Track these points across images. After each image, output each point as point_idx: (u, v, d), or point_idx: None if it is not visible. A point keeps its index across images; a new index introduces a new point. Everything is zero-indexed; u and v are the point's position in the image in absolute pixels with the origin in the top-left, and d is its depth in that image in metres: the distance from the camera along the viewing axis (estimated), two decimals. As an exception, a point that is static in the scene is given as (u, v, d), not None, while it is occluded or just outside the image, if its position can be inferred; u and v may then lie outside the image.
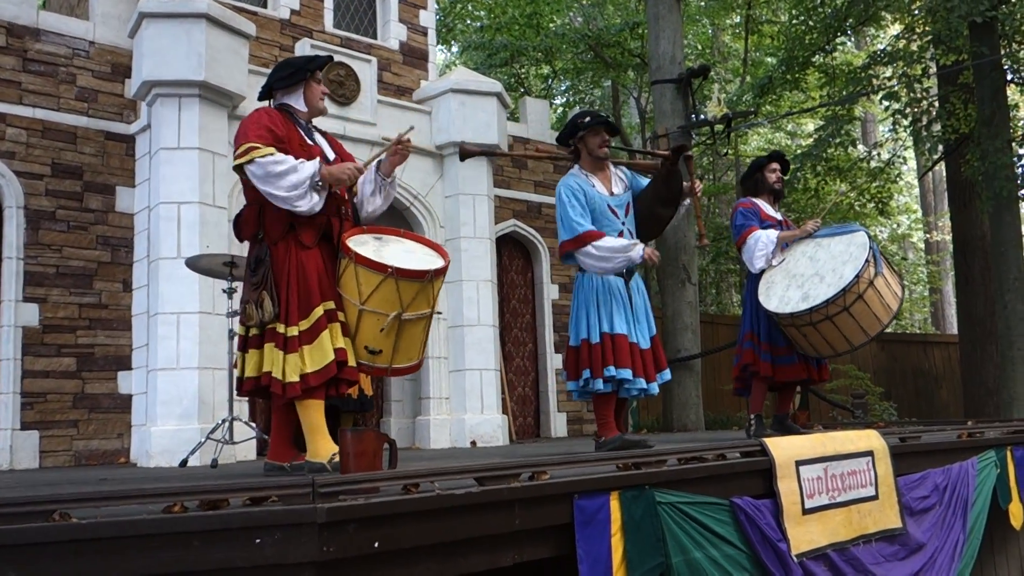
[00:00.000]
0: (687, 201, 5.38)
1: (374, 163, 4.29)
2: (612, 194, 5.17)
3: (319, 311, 3.92)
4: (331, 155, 4.31)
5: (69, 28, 7.65)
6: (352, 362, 3.97)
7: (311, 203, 3.94)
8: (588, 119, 5.18)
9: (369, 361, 4.03)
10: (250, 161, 3.89)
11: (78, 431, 7.21)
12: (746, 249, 6.04)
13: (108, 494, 2.49)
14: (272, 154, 3.90)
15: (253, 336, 4.01)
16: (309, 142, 4.20)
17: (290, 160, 3.92)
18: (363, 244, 4.07)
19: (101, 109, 7.71)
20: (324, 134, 4.45)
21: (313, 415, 3.98)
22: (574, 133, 5.20)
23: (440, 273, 4.08)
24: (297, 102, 4.28)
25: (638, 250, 4.97)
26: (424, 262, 4.09)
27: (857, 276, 5.41)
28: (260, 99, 4.43)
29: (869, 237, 5.65)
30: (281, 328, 3.91)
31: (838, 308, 5.47)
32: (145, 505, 2.55)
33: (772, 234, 5.99)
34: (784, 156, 6.49)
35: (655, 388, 5.07)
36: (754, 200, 6.24)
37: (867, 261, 5.46)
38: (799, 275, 5.80)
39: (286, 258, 4.00)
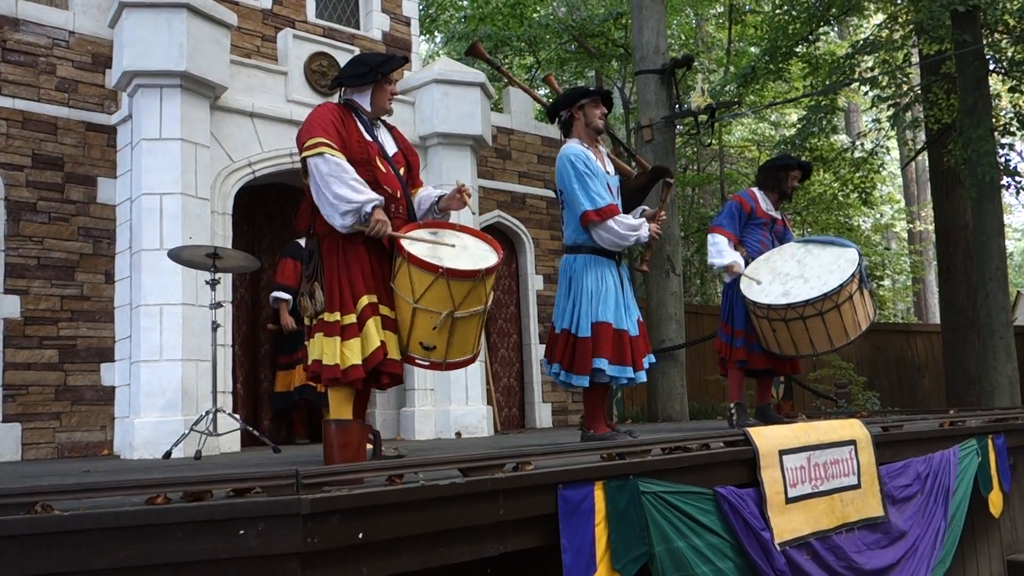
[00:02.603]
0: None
1: (435, 194, 4.50)
2: (608, 173, 5.10)
3: (364, 301, 4.00)
4: (392, 149, 4.43)
5: (48, 18, 7.57)
6: (394, 355, 4.05)
7: (344, 223, 4.00)
8: (592, 89, 5.17)
9: (424, 356, 4.13)
10: (319, 155, 3.99)
11: (60, 423, 7.17)
12: (711, 251, 6.33)
13: (90, 486, 2.47)
14: (343, 159, 4.01)
15: (310, 327, 4.11)
16: (367, 138, 4.28)
17: (357, 177, 4.02)
18: (418, 241, 4.13)
19: (82, 99, 7.64)
20: (390, 128, 4.56)
21: (343, 403, 4.05)
22: (574, 101, 5.12)
23: (491, 271, 4.11)
24: (364, 100, 4.37)
25: (645, 228, 4.95)
26: (477, 259, 4.14)
27: (841, 286, 5.55)
28: (331, 89, 4.53)
29: (860, 255, 5.78)
30: (333, 317, 3.98)
31: (814, 311, 5.59)
32: (128, 497, 2.54)
33: (726, 254, 6.20)
34: (809, 168, 6.66)
35: (643, 376, 4.99)
36: (756, 193, 6.45)
37: (853, 275, 5.62)
38: (784, 273, 5.93)
39: (333, 252, 4.09)
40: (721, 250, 6.17)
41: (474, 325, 4.17)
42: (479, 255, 4.20)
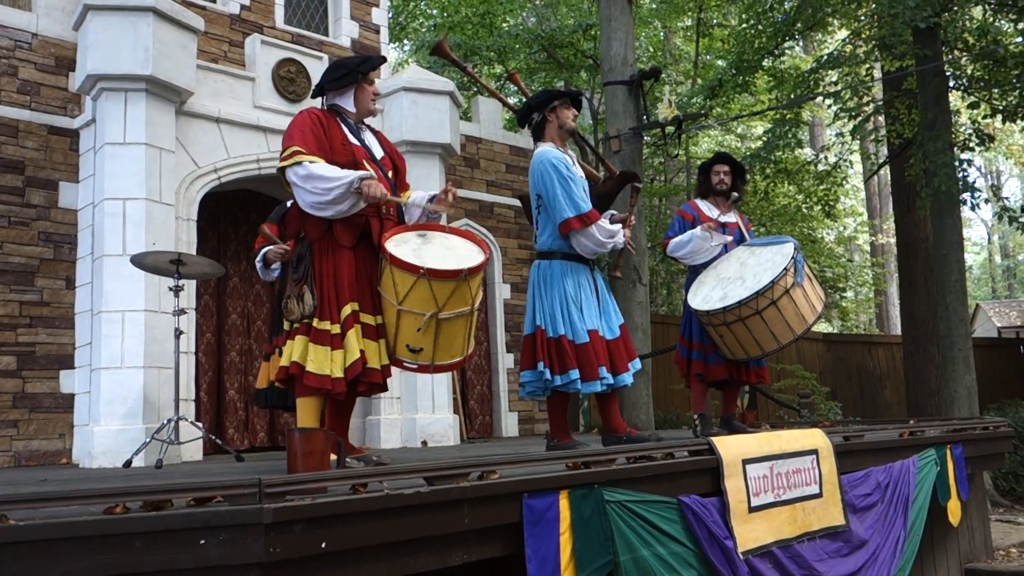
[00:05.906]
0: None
1: (427, 195, 4.50)
2: (580, 176, 4.94)
3: (347, 310, 4.03)
4: (379, 153, 4.45)
5: (11, 19, 7.47)
6: (373, 363, 4.06)
7: (337, 210, 4.05)
8: (563, 91, 5.05)
9: (411, 359, 4.12)
10: (297, 163, 4.01)
11: (18, 431, 7.05)
12: (677, 252, 6.26)
13: (47, 495, 2.43)
14: (316, 161, 4.02)
15: (291, 330, 4.12)
16: (352, 141, 4.29)
17: (331, 167, 4.04)
18: (403, 243, 4.13)
19: (44, 102, 7.54)
20: (376, 133, 4.57)
21: (312, 413, 4.04)
22: (548, 103, 4.97)
23: (475, 271, 4.09)
24: (347, 103, 4.42)
25: (621, 235, 4.87)
26: (463, 259, 4.13)
27: (772, 282, 5.56)
28: (313, 97, 4.67)
29: (796, 249, 5.78)
30: (317, 323, 4.00)
31: (751, 311, 5.60)
32: (86, 506, 2.50)
33: (684, 236, 6.18)
34: (732, 158, 6.58)
35: (629, 379, 4.78)
36: (697, 203, 6.48)
37: (785, 269, 5.60)
38: (726, 278, 5.99)
39: (323, 256, 4.13)
40: (683, 238, 6.16)
41: (461, 326, 4.15)
42: (465, 255, 4.19)
